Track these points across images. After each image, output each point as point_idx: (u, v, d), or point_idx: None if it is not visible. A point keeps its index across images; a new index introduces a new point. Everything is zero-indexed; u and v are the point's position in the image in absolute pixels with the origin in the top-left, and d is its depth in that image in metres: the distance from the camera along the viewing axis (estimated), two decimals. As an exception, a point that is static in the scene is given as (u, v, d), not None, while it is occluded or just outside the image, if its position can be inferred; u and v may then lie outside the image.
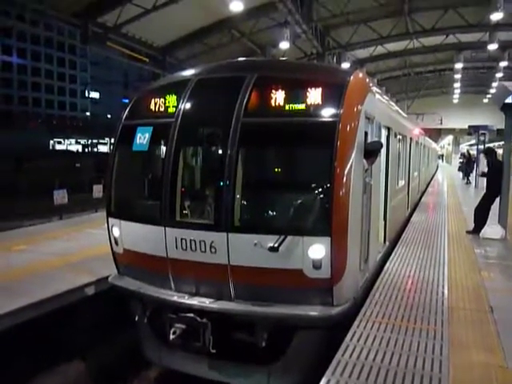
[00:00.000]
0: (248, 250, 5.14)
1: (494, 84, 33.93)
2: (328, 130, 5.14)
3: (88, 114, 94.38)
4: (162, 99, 5.98)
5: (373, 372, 3.99)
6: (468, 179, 26.08)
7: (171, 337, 5.37)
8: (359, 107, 5.48)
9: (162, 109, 5.99)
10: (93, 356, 7.15)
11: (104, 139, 67.57)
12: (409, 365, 4.13)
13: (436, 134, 50.76)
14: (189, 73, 6.42)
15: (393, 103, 10.73)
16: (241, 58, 7.02)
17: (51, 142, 66.88)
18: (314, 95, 5.26)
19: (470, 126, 25.55)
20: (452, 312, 5.47)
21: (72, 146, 72.78)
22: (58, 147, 69.45)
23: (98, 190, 15.01)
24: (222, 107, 5.63)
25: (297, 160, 5.91)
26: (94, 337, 7.12)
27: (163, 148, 5.87)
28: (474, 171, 24.83)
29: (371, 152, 5.82)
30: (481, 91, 43.34)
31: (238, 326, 5.46)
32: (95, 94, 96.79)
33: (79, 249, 9.24)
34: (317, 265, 5.04)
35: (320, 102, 5.25)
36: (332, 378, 3.91)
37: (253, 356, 5.45)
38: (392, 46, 27.18)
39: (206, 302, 5.38)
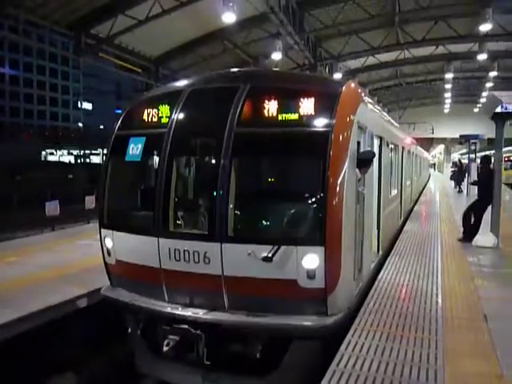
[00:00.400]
0: (242, 260, 5.12)
1: (484, 94, 34.32)
2: (321, 140, 5.16)
3: (80, 124, 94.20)
4: (155, 110, 5.98)
5: (368, 381, 3.97)
6: (460, 188, 26.25)
7: (165, 348, 5.32)
8: (352, 117, 5.51)
9: (155, 119, 5.99)
10: (86, 368, 7.06)
11: (97, 150, 67.37)
12: (404, 374, 4.11)
13: (428, 143, 51.12)
14: (182, 83, 6.44)
15: (385, 113, 10.81)
16: (234, 69, 7.04)
17: (43, 153, 66.57)
18: (307, 105, 5.29)
19: (461, 136, 25.73)
20: (446, 321, 5.46)
21: (64, 156, 72.48)
22: (50, 158, 69.13)
23: (90, 201, 14.92)
24: (216, 117, 5.64)
25: (290, 170, 5.93)
26: (86, 349, 7.04)
27: (156, 158, 5.86)
28: (466, 180, 25.01)
29: (364, 161, 5.86)
30: (471, 101, 43.84)
31: (233, 337, 5.42)
32: (88, 105, 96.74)
33: (70, 260, 9.15)
34: (311, 275, 5.03)
35: (313, 112, 5.28)
36: (327, 388, 3.89)
37: (247, 367, 5.41)
38: (383, 57, 27.46)
39: (200, 313, 5.34)
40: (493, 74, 28.61)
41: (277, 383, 5.43)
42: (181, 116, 5.78)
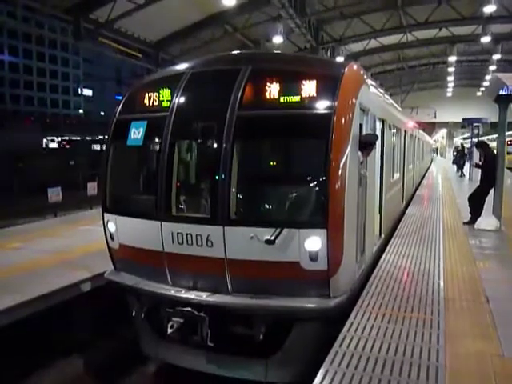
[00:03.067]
0: (244, 243, 5.14)
1: (488, 77, 34.01)
2: (323, 123, 5.13)
3: (81, 111, 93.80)
4: (156, 93, 5.94)
5: (370, 362, 4.00)
6: (462, 172, 26.19)
7: (169, 331, 5.36)
8: (354, 99, 5.47)
9: (156, 103, 5.96)
10: (91, 351, 7.15)
11: (97, 137, 67.19)
12: (406, 354, 4.15)
13: (430, 127, 50.87)
14: (183, 66, 6.39)
15: (387, 96, 10.73)
16: (235, 51, 6.97)
17: (44, 140, 66.43)
18: (309, 87, 5.25)
19: (463, 119, 25.59)
20: (448, 302, 5.49)
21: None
22: (52, 145, 69.01)
23: (92, 187, 14.95)
24: (217, 100, 5.60)
25: (292, 153, 5.91)
26: (90, 333, 7.11)
27: (158, 142, 5.84)
28: (468, 164, 24.92)
29: (366, 144, 5.84)
30: (474, 84, 43.46)
31: (236, 320, 5.46)
32: (88, 92, 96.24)
33: (74, 246, 9.19)
34: (313, 257, 5.05)
35: (315, 95, 5.24)
36: (330, 368, 3.92)
37: (251, 349, 5.46)
38: (386, 40, 27.19)
39: (203, 296, 5.37)
40: (496, 56, 28.31)
41: (279, 364, 5.49)
42: (182, 99, 5.74)
